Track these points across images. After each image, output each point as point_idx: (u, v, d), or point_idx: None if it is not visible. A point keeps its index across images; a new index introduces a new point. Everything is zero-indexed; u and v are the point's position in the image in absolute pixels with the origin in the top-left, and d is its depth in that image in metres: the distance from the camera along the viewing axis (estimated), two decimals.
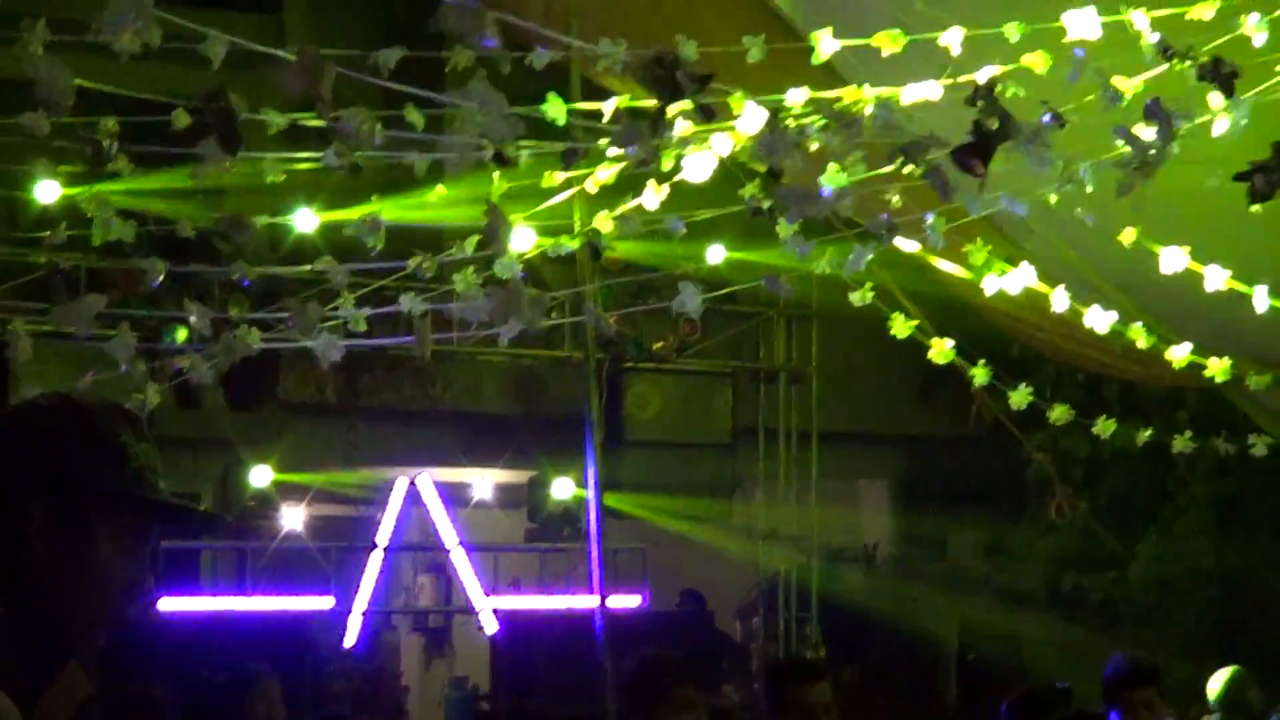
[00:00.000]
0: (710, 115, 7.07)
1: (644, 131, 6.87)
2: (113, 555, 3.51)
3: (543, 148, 8.22)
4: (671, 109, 6.95)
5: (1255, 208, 7.06)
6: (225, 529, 10.19)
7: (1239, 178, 6.77)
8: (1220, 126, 6.89)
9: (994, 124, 6.55)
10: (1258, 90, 6.99)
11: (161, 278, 9.21)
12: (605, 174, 8.54)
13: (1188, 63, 6.81)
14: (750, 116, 7.25)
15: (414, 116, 7.84)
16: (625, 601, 16.55)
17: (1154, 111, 6.79)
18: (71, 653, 3.47)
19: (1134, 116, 6.90)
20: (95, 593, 3.49)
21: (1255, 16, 6.97)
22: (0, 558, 3.40)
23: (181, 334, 9.33)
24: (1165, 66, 6.94)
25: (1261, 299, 9.23)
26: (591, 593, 12.13)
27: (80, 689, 3.47)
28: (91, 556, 3.47)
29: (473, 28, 6.33)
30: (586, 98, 7.59)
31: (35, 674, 3.35)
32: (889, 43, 7.13)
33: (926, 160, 6.76)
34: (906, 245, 8.74)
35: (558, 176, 8.39)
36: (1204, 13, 7.06)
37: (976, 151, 6.57)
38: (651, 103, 7.01)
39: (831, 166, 7.17)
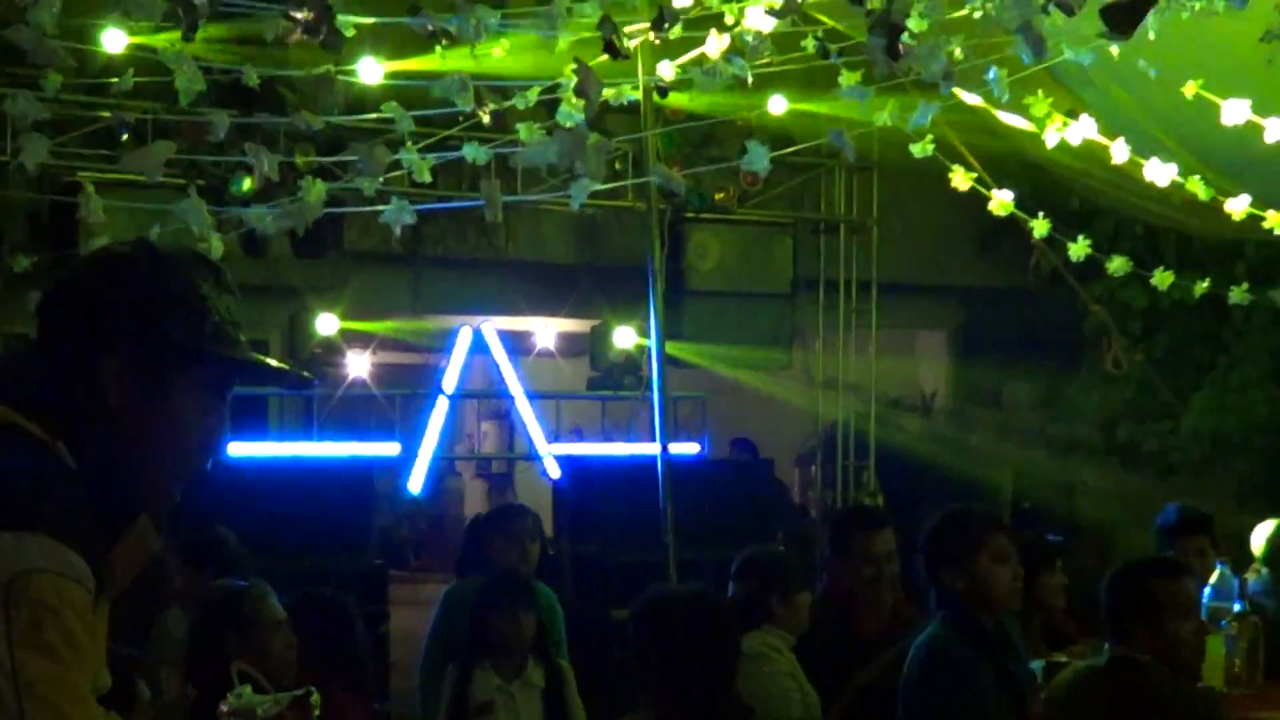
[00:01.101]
0: None
1: None
2: (189, 410, 3.45)
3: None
4: None
5: None
6: (302, 384, 10.18)
7: None
8: None
9: None
10: None
11: (227, 129, 9.22)
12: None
13: None
14: None
15: None
16: (685, 449, 16.54)
17: None
18: (143, 507, 3.42)
19: None
20: (169, 447, 3.44)
21: None
22: (74, 409, 3.32)
23: (248, 183, 9.31)
24: None
25: None
26: (652, 440, 12.13)
27: (150, 544, 3.42)
28: (166, 410, 3.41)
29: None
30: None
31: (106, 529, 3.29)
32: None
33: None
34: (968, 97, 8.66)
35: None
36: None
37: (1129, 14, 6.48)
38: None
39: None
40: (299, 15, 6.82)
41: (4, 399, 3.30)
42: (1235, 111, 9.05)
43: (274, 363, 3.80)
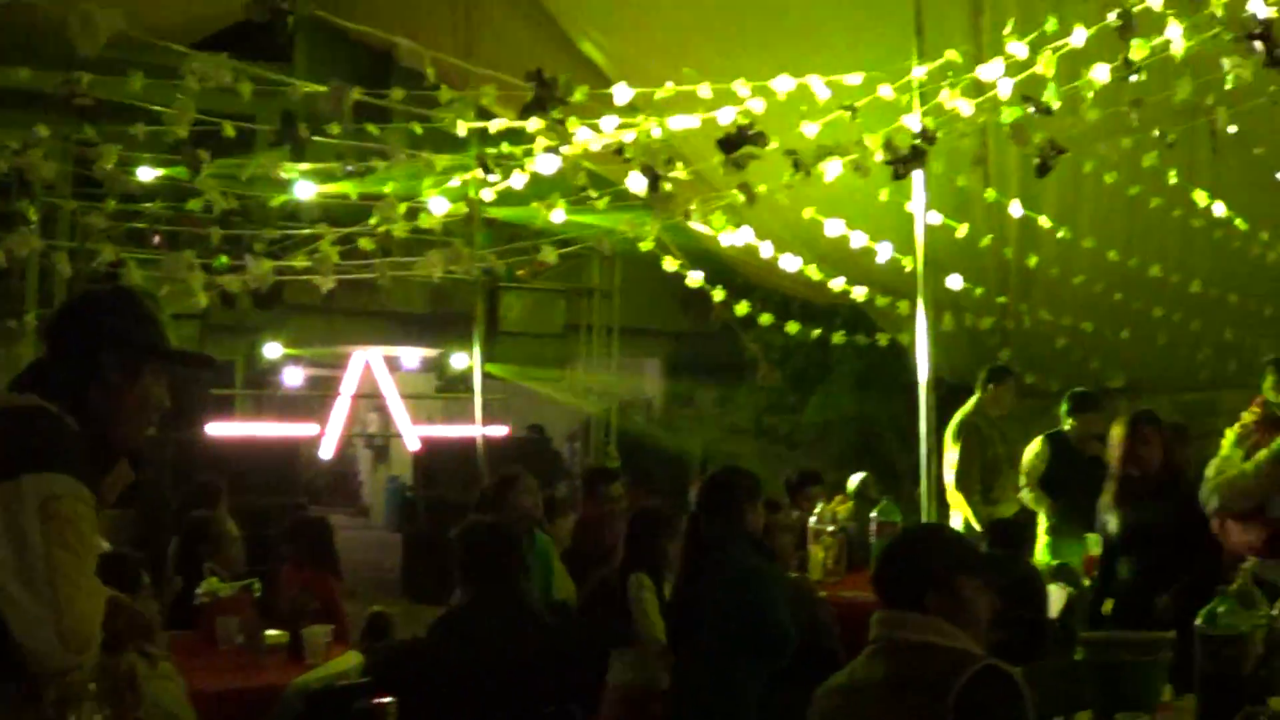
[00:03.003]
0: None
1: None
2: (153, 387, 3.52)
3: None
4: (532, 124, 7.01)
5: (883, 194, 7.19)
6: (214, 365, 10.13)
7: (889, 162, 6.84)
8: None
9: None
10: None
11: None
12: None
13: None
14: (581, 135, 7.32)
15: (373, 129, 7.88)
16: (497, 430, 16.58)
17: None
18: (122, 453, 3.49)
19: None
20: (139, 413, 3.50)
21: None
22: (79, 391, 3.39)
23: (222, 259, 9.32)
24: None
25: (885, 252, 9.36)
26: (475, 424, 12.16)
27: (126, 477, 3.50)
28: (138, 388, 3.48)
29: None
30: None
31: (100, 468, 3.37)
32: (664, 91, 7.19)
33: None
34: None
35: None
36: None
37: (729, 149, 6.63)
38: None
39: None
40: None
41: (33, 390, 3.37)
42: (834, 228, 9.25)
43: (191, 351, 3.93)
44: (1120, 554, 8.05)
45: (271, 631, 7.23)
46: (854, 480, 11.47)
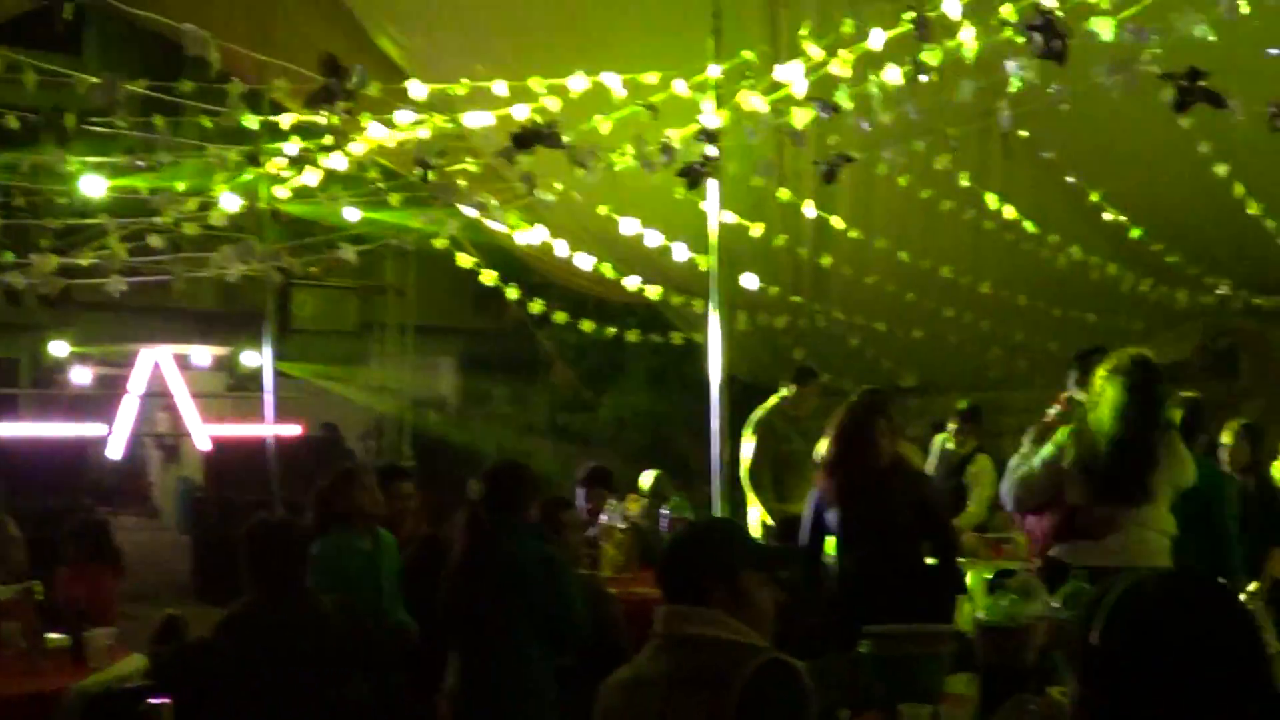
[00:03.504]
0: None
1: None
2: None
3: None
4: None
5: (679, 192, 7.22)
6: None
7: (680, 174, 6.89)
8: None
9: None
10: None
11: None
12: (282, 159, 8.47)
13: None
14: (376, 129, 7.24)
15: (159, 122, 7.71)
16: (289, 429, 16.34)
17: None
18: None
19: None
20: None
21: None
22: None
23: (7, 255, 9.02)
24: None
25: (680, 251, 9.42)
26: (267, 424, 11.97)
27: None
28: None
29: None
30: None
31: None
32: (459, 87, 7.14)
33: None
34: (469, 211, 8.73)
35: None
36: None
37: (523, 145, 6.63)
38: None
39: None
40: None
41: None
42: (629, 226, 9.28)
43: None
44: (843, 548, 7.60)
45: (52, 635, 7.05)
46: (647, 478, 11.51)
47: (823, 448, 7.74)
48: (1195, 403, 8.65)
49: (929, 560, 7.42)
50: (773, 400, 11.02)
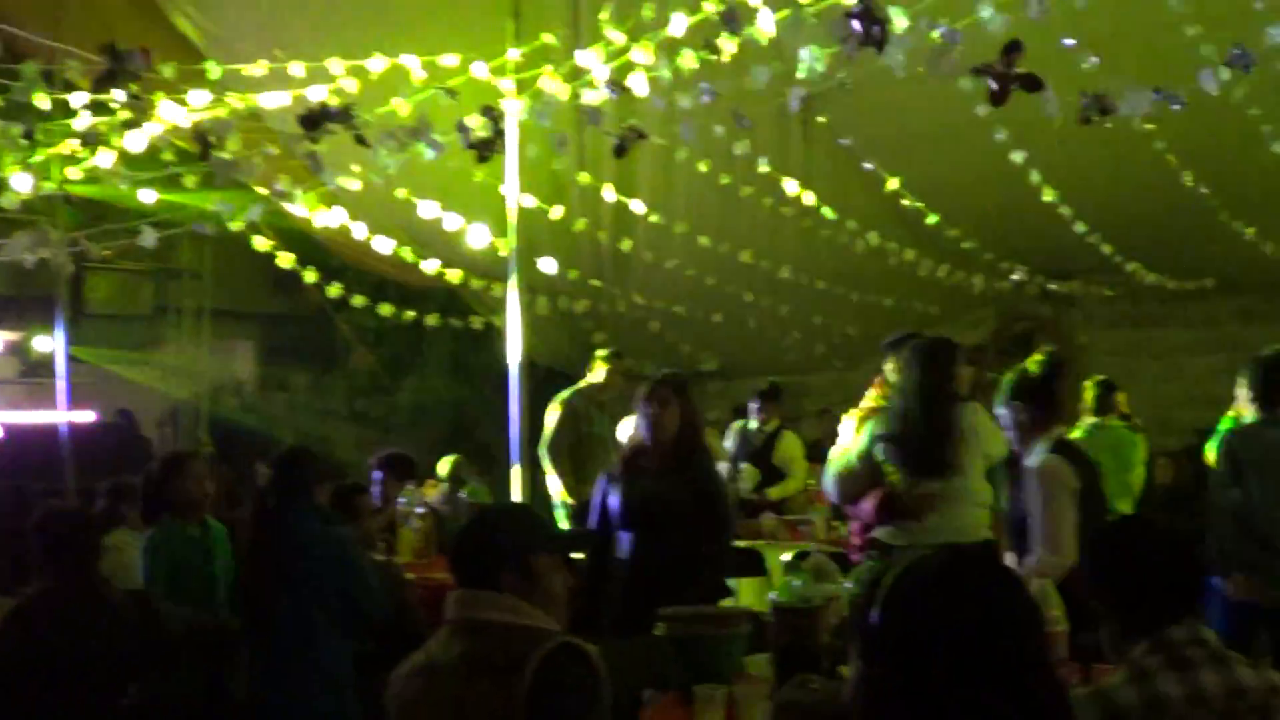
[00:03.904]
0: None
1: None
2: None
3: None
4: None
5: (478, 175, 7.20)
6: None
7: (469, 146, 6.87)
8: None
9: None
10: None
11: None
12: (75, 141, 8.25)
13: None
14: (169, 110, 7.10)
15: None
16: (84, 416, 15.98)
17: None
18: None
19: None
20: None
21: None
22: None
23: None
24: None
25: (479, 234, 9.35)
26: (59, 410, 11.72)
27: None
28: None
29: None
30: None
31: None
32: (256, 66, 7.05)
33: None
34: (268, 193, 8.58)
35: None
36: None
37: (310, 126, 6.57)
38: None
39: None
40: None
41: None
42: (428, 210, 9.21)
43: None
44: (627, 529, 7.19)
45: None
46: (445, 463, 11.48)
47: (623, 430, 7.79)
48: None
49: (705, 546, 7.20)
50: (581, 384, 11.10)
